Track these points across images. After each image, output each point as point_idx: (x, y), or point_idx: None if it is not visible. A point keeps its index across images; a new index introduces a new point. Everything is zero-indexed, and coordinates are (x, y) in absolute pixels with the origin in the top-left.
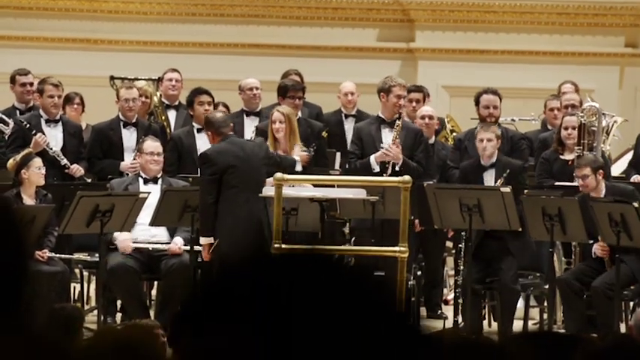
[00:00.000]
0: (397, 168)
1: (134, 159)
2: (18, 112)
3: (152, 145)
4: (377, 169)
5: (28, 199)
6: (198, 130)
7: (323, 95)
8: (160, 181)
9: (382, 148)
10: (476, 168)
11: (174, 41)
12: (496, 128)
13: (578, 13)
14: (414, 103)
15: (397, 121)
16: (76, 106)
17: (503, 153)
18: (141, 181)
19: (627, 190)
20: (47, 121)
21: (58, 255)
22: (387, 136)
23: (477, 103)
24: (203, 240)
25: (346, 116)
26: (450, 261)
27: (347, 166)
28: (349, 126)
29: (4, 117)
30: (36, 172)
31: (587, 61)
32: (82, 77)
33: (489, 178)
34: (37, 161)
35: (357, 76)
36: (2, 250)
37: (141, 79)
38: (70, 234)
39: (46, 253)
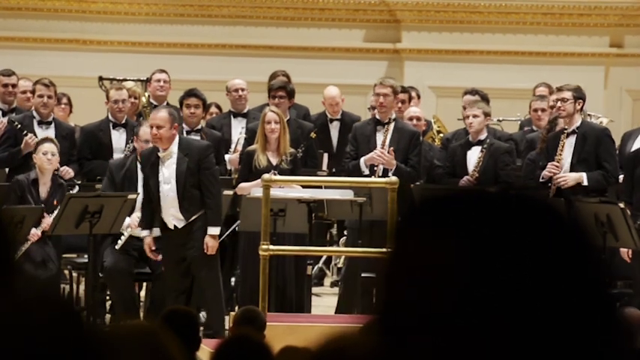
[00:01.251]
0: (390, 174)
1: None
2: (0, 112)
3: (148, 131)
4: (366, 171)
5: (42, 186)
6: (187, 132)
7: (310, 96)
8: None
9: (375, 151)
10: (463, 145)
11: (163, 42)
12: (484, 105)
13: (563, 14)
14: (399, 104)
15: (387, 125)
16: (63, 106)
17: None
18: (139, 164)
19: (599, 128)
20: (40, 123)
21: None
22: (381, 139)
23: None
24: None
25: (331, 120)
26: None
27: (342, 166)
28: (335, 130)
29: None
30: (41, 157)
31: (573, 61)
32: (70, 78)
33: (473, 157)
34: (45, 146)
35: (344, 77)
36: None
37: (129, 80)
38: (59, 235)
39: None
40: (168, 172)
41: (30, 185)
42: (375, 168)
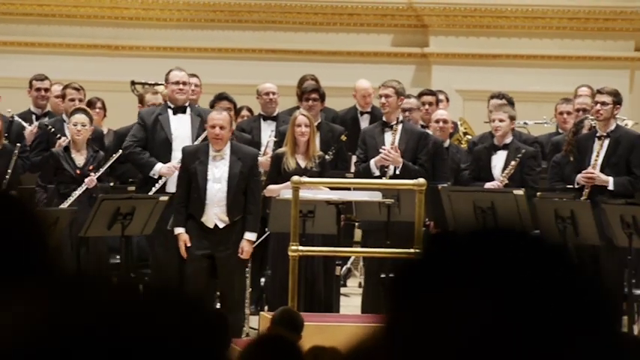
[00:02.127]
0: (397, 172)
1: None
2: (34, 116)
3: (178, 74)
4: (377, 172)
5: (77, 155)
6: None
7: (339, 100)
8: (187, 109)
9: (382, 151)
10: (488, 148)
11: (194, 47)
12: (510, 108)
13: (589, 18)
14: (426, 106)
15: (395, 125)
16: (97, 110)
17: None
18: (170, 111)
19: (633, 134)
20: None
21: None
22: (390, 140)
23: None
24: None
25: (361, 113)
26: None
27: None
28: (365, 123)
29: (22, 122)
30: (72, 128)
31: (598, 65)
32: (103, 82)
33: (499, 161)
34: (75, 117)
35: (372, 81)
36: (22, 247)
37: (161, 84)
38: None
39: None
40: (219, 173)
41: (64, 154)
42: (386, 169)
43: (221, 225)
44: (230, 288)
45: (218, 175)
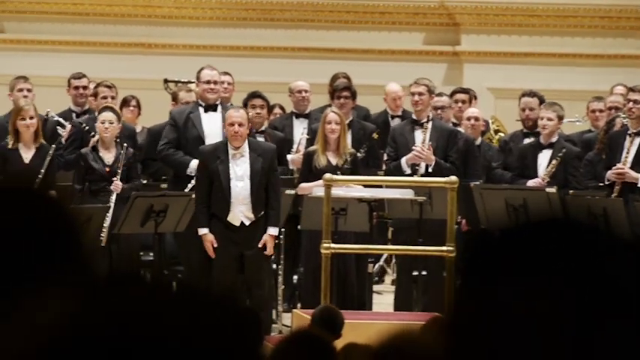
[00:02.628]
0: (430, 169)
1: None
2: (74, 115)
3: (209, 74)
4: (408, 171)
5: (105, 153)
6: (253, 134)
7: (370, 98)
8: (219, 108)
9: (414, 149)
10: (534, 147)
11: (226, 45)
12: (559, 108)
13: (621, 17)
14: (459, 104)
15: (425, 123)
16: (132, 108)
17: None
18: (201, 109)
19: None
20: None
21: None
22: (420, 137)
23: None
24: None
25: (392, 117)
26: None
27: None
28: (391, 128)
29: (61, 120)
30: (99, 126)
31: (630, 64)
32: (136, 80)
33: (544, 159)
34: (103, 115)
35: (404, 79)
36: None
37: (193, 82)
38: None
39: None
40: (241, 170)
41: (93, 153)
42: (417, 167)
43: (247, 222)
44: (259, 285)
45: (240, 172)
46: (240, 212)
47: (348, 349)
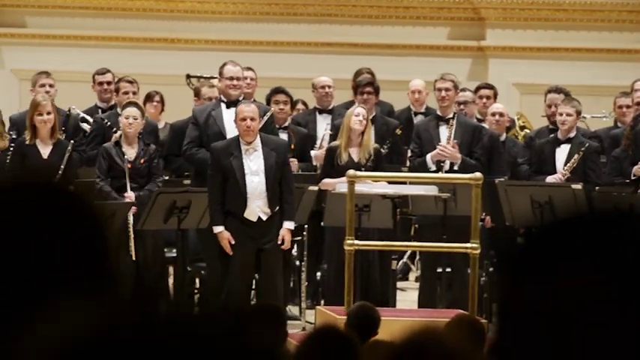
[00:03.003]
0: (456, 167)
1: None
2: (100, 110)
3: (231, 69)
4: (433, 167)
5: (128, 148)
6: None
7: (394, 93)
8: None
9: (439, 146)
10: (552, 142)
11: (249, 40)
12: (577, 103)
13: None
14: (484, 100)
15: (451, 120)
16: (155, 103)
17: None
18: (223, 105)
19: None
20: None
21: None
22: (445, 134)
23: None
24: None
25: (415, 113)
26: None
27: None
28: (415, 123)
29: (86, 116)
30: (123, 121)
31: None
32: (158, 76)
33: (562, 155)
34: (127, 110)
35: (428, 74)
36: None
37: (216, 78)
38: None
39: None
40: (255, 165)
41: (116, 148)
42: (442, 164)
43: (264, 217)
44: (276, 280)
45: (255, 167)
46: (257, 207)
47: (372, 346)
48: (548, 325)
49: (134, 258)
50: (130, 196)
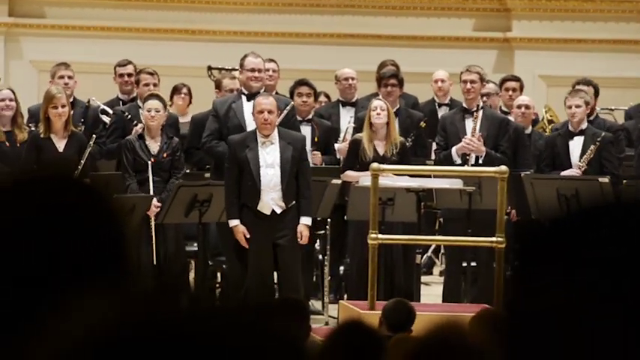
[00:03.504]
0: (480, 160)
1: None
2: (121, 102)
3: (253, 61)
4: (458, 160)
5: (151, 142)
6: (299, 122)
7: (419, 85)
8: None
9: (464, 139)
10: (563, 136)
11: (271, 31)
12: (585, 94)
13: None
14: (510, 92)
15: (476, 112)
16: (183, 96)
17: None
18: (244, 97)
19: None
20: None
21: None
22: (471, 126)
23: None
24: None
25: (439, 105)
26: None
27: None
28: (440, 116)
29: (107, 108)
30: (146, 114)
31: None
32: (180, 67)
33: (576, 147)
34: (149, 103)
35: (454, 66)
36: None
37: (237, 69)
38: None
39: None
40: (271, 158)
41: (139, 141)
42: (468, 157)
43: (278, 210)
44: (293, 274)
45: (270, 160)
46: (271, 200)
47: (397, 341)
48: (565, 316)
49: (155, 253)
50: (152, 211)
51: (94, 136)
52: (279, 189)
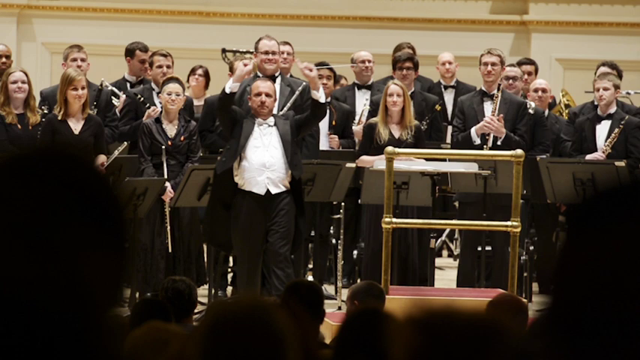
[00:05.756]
0: (499, 142)
1: None
2: (128, 84)
3: (267, 44)
4: (478, 141)
5: (169, 125)
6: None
7: (434, 69)
8: (278, 79)
9: (485, 119)
10: (591, 120)
11: (286, 14)
12: (614, 77)
13: None
14: (525, 76)
15: (496, 93)
16: (197, 76)
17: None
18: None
19: None
20: (159, 94)
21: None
22: (489, 109)
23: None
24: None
25: (445, 87)
26: (562, 236)
27: (451, 140)
28: (449, 97)
29: (115, 90)
30: (165, 97)
31: None
32: (194, 50)
33: (603, 131)
34: (169, 86)
35: (470, 49)
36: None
37: (252, 52)
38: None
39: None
40: (267, 140)
41: (156, 125)
42: (487, 137)
43: (273, 191)
44: (283, 258)
45: (267, 142)
46: (268, 179)
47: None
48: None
49: (170, 236)
50: (167, 195)
51: (115, 152)
52: (274, 169)
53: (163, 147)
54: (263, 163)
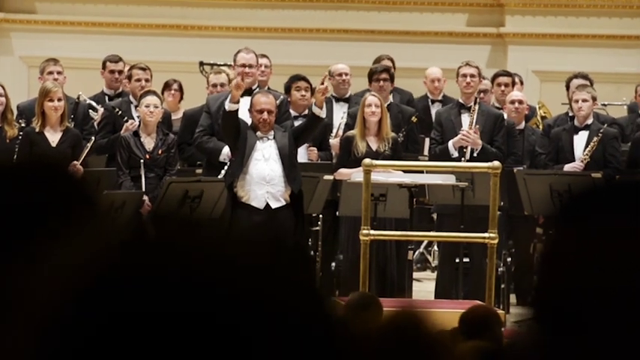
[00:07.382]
0: (475, 154)
1: None
2: (107, 97)
3: (245, 57)
4: (455, 154)
5: (147, 138)
6: (295, 117)
7: (412, 81)
8: (256, 91)
9: (462, 132)
10: (569, 130)
11: (264, 27)
12: (592, 89)
13: None
14: (502, 88)
15: (473, 106)
16: (173, 92)
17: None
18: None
19: None
20: (137, 107)
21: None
22: (467, 122)
23: (568, 87)
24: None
25: (432, 101)
26: (540, 248)
27: (429, 152)
28: (435, 111)
29: (93, 103)
30: (143, 110)
31: None
32: (171, 63)
33: (580, 142)
34: (147, 99)
35: (447, 62)
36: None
37: (230, 65)
38: None
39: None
40: (268, 153)
41: (134, 138)
42: (465, 150)
43: (273, 205)
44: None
45: (267, 155)
46: (268, 193)
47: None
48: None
49: None
50: (145, 209)
51: (92, 138)
52: (274, 182)
53: (141, 160)
54: (263, 177)
